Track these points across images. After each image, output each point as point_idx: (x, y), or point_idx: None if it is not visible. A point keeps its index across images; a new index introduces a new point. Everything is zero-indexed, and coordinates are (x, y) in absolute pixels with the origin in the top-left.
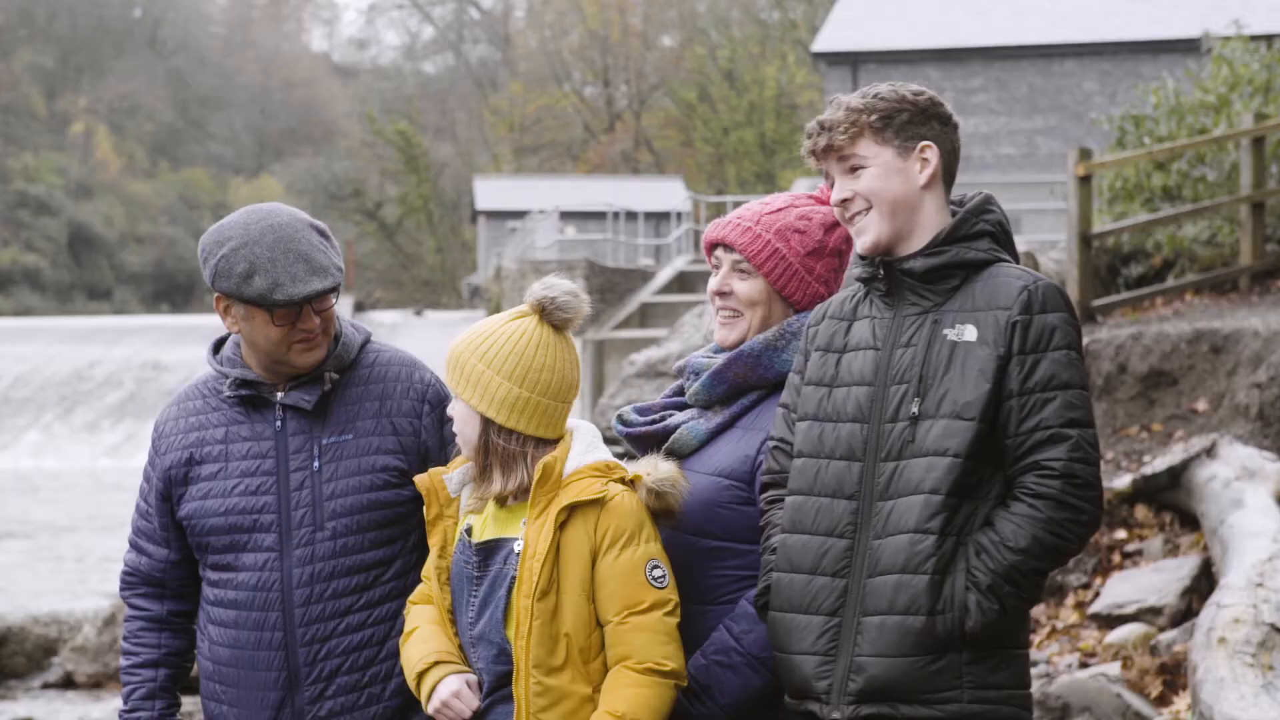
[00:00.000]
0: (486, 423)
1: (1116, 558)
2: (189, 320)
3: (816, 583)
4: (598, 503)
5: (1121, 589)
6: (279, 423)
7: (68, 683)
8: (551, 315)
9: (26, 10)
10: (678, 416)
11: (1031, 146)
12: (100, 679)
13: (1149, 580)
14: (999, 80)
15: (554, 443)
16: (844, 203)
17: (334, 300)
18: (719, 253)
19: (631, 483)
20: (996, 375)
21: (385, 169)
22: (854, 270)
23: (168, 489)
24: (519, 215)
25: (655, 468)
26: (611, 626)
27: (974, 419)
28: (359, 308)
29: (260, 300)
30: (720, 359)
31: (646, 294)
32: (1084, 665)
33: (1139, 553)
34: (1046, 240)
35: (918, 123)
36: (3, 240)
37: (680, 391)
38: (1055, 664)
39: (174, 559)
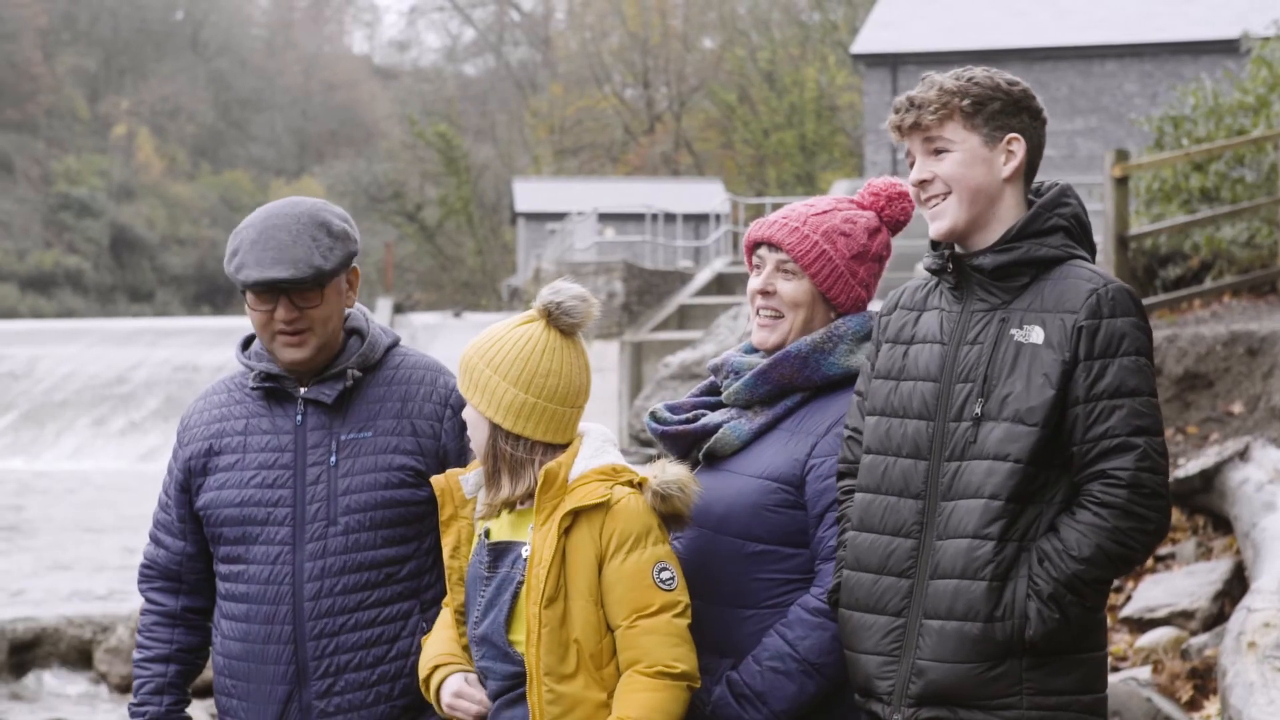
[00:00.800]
0: (494, 428)
1: (1149, 561)
2: (229, 322)
3: (883, 582)
4: (602, 507)
5: (1153, 592)
6: (299, 417)
7: (101, 684)
8: (558, 320)
9: (69, 13)
10: (713, 416)
11: (1071, 148)
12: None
13: (1181, 584)
14: (1039, 82)
15: (563, 448)
16: (922, 184)
17: (319, 299)
18: (762, 252)
19: (639, 486)
20: (1061, 381)
21: (426, 171)
22: (924, 260)
23: (187, 479)
24: (558, 217)
25: (663, 470)
26: (621, 631)
27: (1037, 425)
28: (398, 309)
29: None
30: (762, 359)
31: (685, 296)
32: (1114, 669)
33: (1171, 556)
34: None
35: (1009, 113)
36: (45, 242)
37: (711, 390)
38: None
39: (190, 551)
